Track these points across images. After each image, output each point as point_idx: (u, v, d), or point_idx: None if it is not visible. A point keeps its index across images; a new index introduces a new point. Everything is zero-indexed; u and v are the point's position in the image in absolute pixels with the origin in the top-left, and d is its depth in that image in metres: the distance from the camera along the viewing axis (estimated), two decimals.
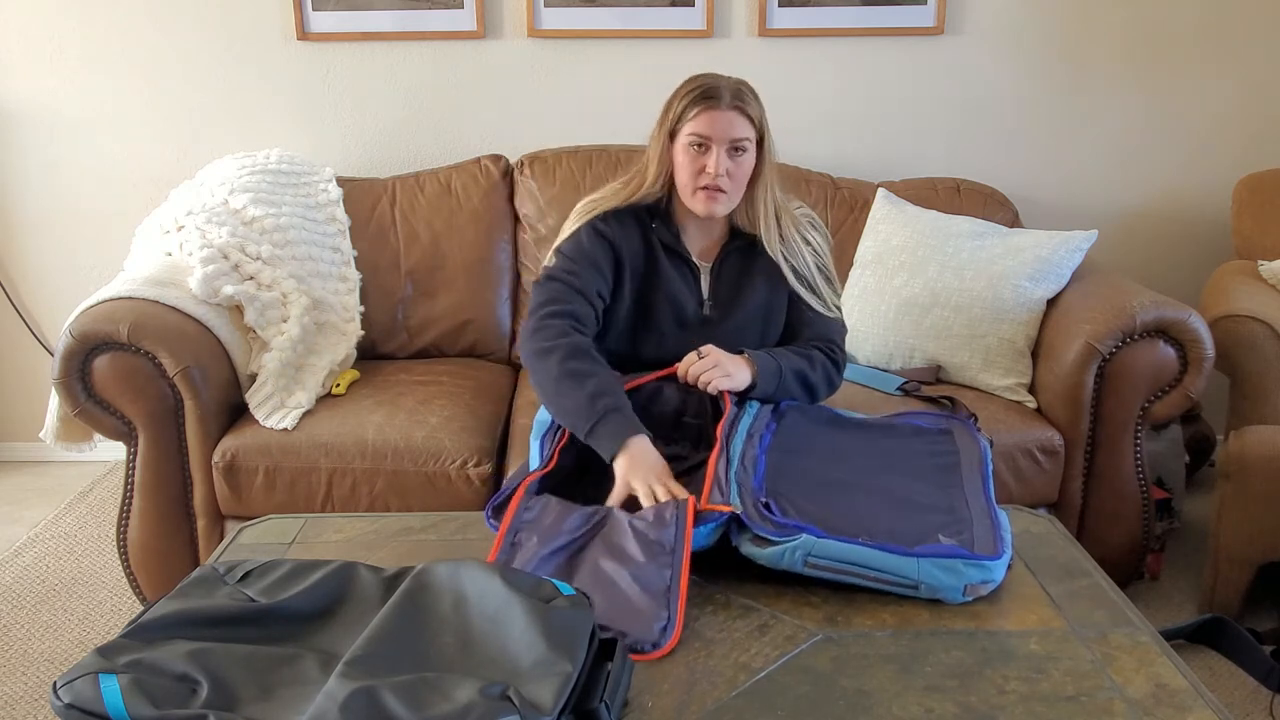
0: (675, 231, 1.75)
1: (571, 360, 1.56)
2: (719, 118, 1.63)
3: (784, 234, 1.75)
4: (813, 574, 1.26)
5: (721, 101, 1.63)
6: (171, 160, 2.83)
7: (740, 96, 1.65)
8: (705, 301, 1.76)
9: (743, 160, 1.66)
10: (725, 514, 1.30)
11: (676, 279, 1.75)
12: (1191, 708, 1.07)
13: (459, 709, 0.93)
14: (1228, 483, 2.10)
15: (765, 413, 1.63)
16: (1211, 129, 2.84)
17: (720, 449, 1.45)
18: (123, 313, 2.03)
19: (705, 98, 1.63)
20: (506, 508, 1.39)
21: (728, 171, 1.64)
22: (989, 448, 1.60)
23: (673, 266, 1.75)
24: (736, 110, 1.63)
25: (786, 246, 1.75)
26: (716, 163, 1.63)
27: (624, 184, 1.76)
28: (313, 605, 1.15)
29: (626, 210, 1.75)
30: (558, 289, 1.67)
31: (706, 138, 1.63)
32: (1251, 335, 2.21)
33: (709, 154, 1.64)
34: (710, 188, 1.65)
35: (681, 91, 1.67)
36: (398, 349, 2.59)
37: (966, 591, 1.25)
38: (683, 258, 1.75)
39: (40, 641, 2.16)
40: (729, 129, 1.63)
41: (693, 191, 1.68)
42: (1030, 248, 2.33)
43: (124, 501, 2.14)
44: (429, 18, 2.74)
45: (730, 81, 1.67)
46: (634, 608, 1.21)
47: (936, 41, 2.78)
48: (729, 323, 1.77)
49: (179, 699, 0.98)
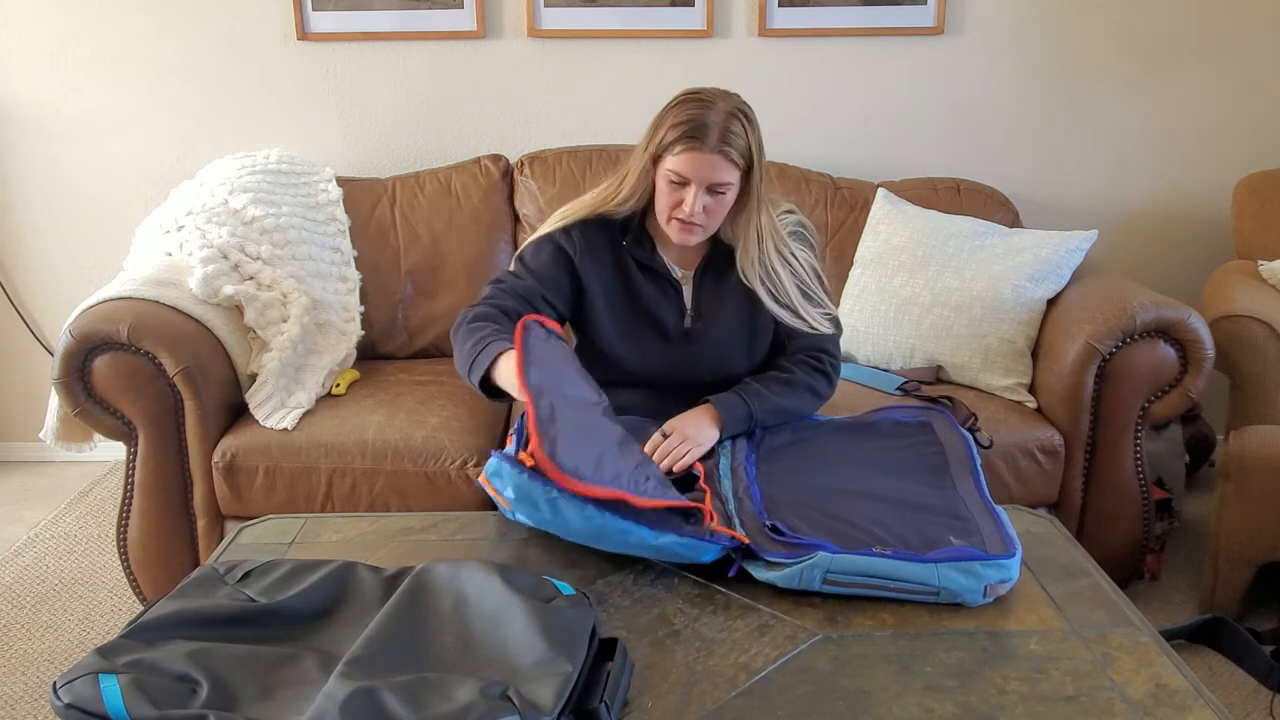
0: (651, 246, 1.72)
1: (477, 321, 1.61)
2: (702, 161, 1.56)
3: (763, 258, 1.67)
4: (831, 590, 1.26)
5: (706, 144, 1.55)
6: (171, 160, 2.83)
7: (727, 138, 1.56)
8: (687, 314, 1.73)
9: (722, 199, 1.61)
10: (737, 541, 1.30)
11: (654, 293, 1.72)
12: (1191, 708, 1.07)
13: (459, 709, 0.93)
14: (1228, 483, 2.10)
15: (741, 444, 1.62)
16: (1211, 129, 2.84)
17: (711, 494, 1.43)
18: (123, 313, 2.03)
19: (690, 136, 1.55)
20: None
21: (705, 208, 1.60)
22: (971, 439, 1.60)
23: (650, 281, 1.72)
24: (721, 154, 1.56)
25: (763, 270, 1.68)
26: (692, 203, 1.58)
27: (603, 190, 1.72)
28: (312, 605, 1.15)
29: (596, 223, 1.71)
30: (497, 289, 1.70)
31: (686, 178, 1.58)
32: (1251, 335, 2.21)
33: (687, 191, 1.59)
34: (684, 222, 1.62)
35: (671, 118, 1.58)
36: (398, 349, 2.59)
37: (987, 593, 1.25)
38: (658, 272, 1.72)
39: (40, 641, 2.16)
40: (710, 173, 1.57)
41: (668, 220, 1.64)
42: (1030, 248, 2.33)
43: (124, 501, 2.14)
44: (429, 18, 2.74)
45: (721, 113, 1.56)
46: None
47: (936, 41, 2.78)
48: (712, 334, 1.73)
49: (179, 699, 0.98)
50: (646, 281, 1.72)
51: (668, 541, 1.28)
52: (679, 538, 1.28)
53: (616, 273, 1.72)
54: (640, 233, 1.72)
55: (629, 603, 1.27)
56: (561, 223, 1.72)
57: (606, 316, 1.73)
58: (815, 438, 1.66)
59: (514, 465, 1.28)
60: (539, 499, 1.27)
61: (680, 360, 1.74)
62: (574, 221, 1.71)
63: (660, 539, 1.28)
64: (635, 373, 1.75)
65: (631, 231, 1.72)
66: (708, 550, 1.29)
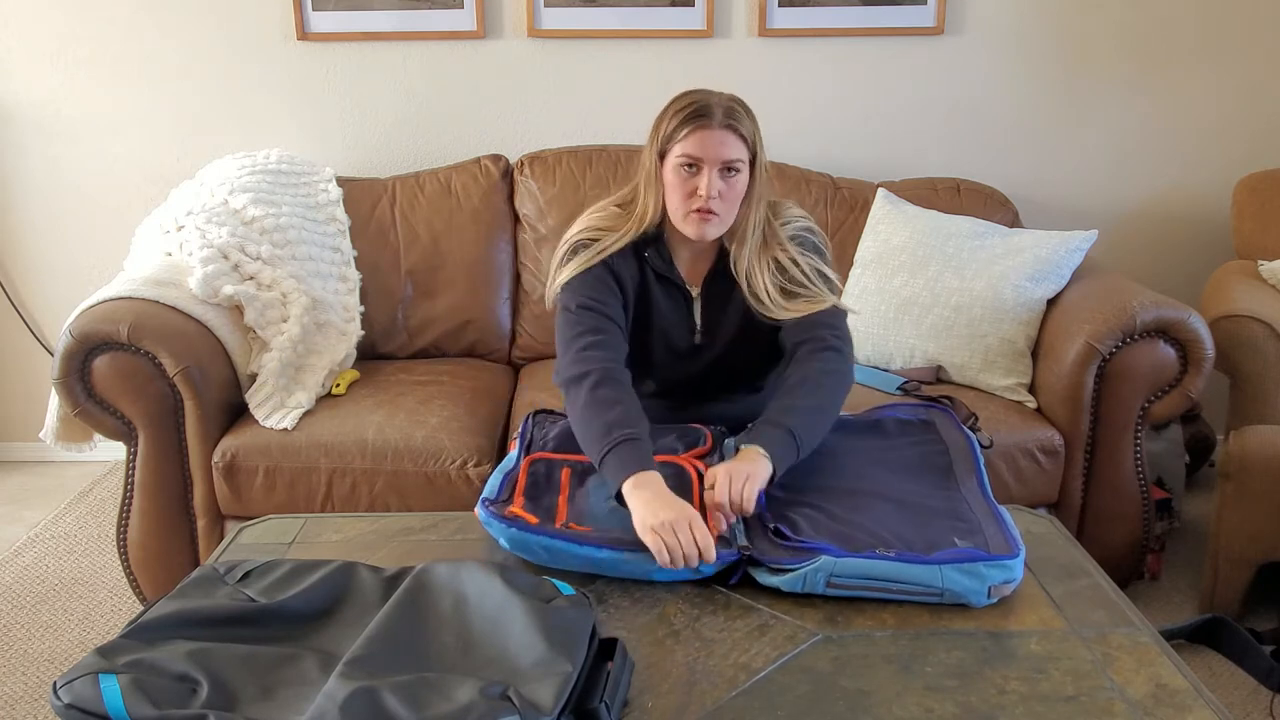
0: (669, 257, 1.67)
1: (601, 388, 1.50)
2: (710, 137, 1.53)
3: (748, 255, 1.62)
4: (835, 593, 1.26)
5: (713, 120, 1.53)
6: (171, 160, 2.83)
7: (732, 115, 1.55)
8: (697, 330, 1.70)
9: (735, 181, 1.57)
10: (737, 554, 1.30)
11: (669, 308, 1.69)
12: (1191, 708, 1.07)
13: (459, 709, 0.93)
14: (1228, 483, 2.10)
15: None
16: (1211, 129, 2.84)
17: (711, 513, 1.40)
18: (123, 313, 2.03)
19: (696, 116, 1.53)
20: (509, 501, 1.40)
21: (720, 193, 1.55)
22: (974, 438, 1.60)
23: (666, 295, 1.68)
24: (729, 129, 1.53)
25: (747, 268, 1.62)
26: (709, 184, 1.53)
27: (620, 210, 1.66)
28: (313, 605, 1.15)
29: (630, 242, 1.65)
30: (590, 318, 1.59)
31: (698, 159, 1.54)
32: (1251, 335, 2.21)
33: (700, 175, 1.54)
34: (702, 210, 1.55)
35: (671, 110, 1.57)
36: (398, 349, 2.59)
37: (991, 593, 1.25)
38: (675, 284, 1.68)
39: (40, 641, 2.16)
40: (721, 149, 1.53)
41: (684, 215, 1.58)
42: (1030, 248, 2.33)
43: (124, 501, 2.14)
44: (429, 18, 2.74)
45: (722, 98, 1.56)
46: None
47: (936, 41, 2.78)
48: (719, 347, 1.71)
49: (179, 699, 0.98)
50: (663, 295, 1.69)
51: (668, 571, 1.29)
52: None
53: (641, 286, 1.68)
54: (659, 242, 1.67)
55: (629, 603, 1.28)
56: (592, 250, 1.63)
57: (630, 332, 1.68)
58: None
59: (503, 522, 1.33)
60: (534, 546, 1.32)
61: (690, 373, 1.74)
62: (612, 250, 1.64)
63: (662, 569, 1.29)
64: (642, 389, 1.69)
65: (652, 243, 1.67)
66: (707, 569, 1.30)
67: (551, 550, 1.31)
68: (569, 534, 1.32)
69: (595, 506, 1.42)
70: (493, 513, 1.35)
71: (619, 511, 1.37)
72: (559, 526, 1.35)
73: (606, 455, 1.41)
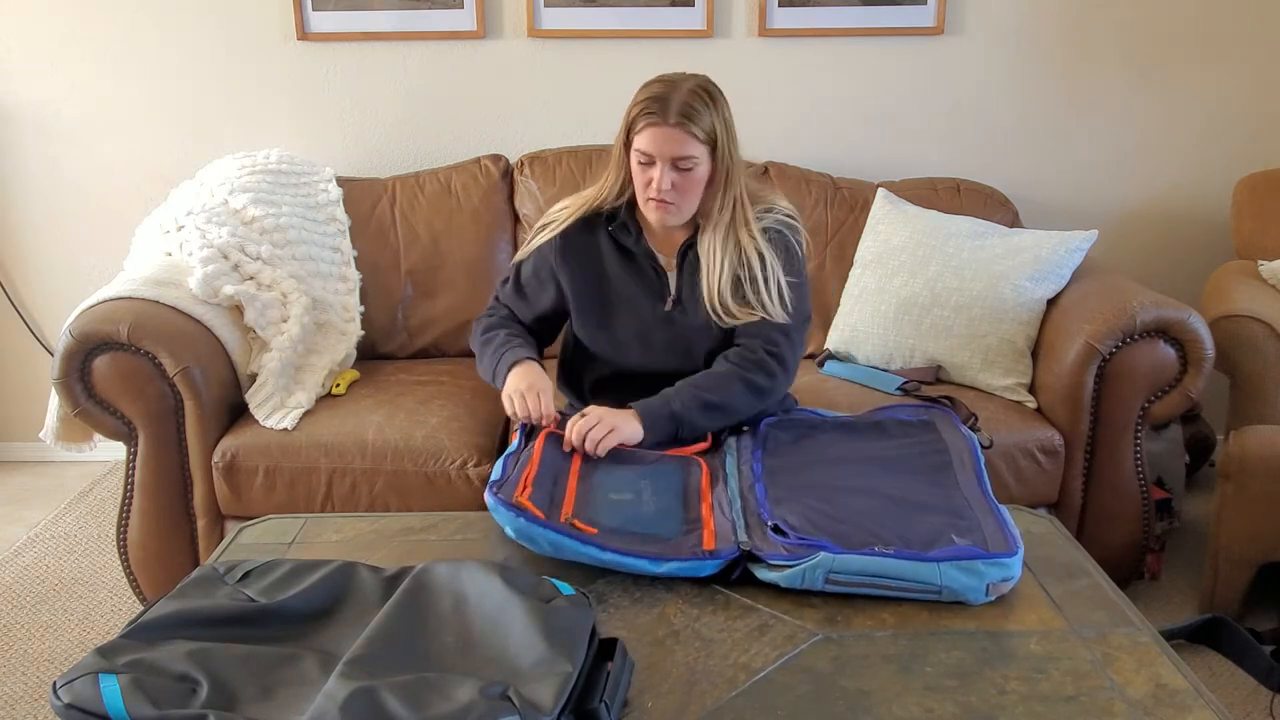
0: (638, 232, 1.75)
1: (487, 332, 1.81)
2: (661, 135, 1.60)
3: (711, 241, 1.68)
4: (834, 590, 1.26)
5: (667, 118, 1.59)
6: (171, 160, 2.83)
7: (687, 112, 1.59)
8: (669, 298, 1.76)
9: (691, 174, 1.64)
10: (737, 552, 1.30)
11: (634, 280, 1.75)
12: (1191, 708, 1.07)
13: (459, 709, 0.93)
14: (1228, 483, 2.10)
15: (746, 442, 1.63)
16: (1211, 129, 2.84)
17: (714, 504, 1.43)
18: (123, 313, 2.03)
19: (649, 113, 1.60)
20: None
21: (674, 185, 1.63)
22: (975, 438, 1.60)
23: (631, 267, 1.75)
24: (680, 127, 1.59)
25: (708, 253, 1.69)
26: (660, 179, 1.62)
27: (596, 186, 1.77)
28: (312, 605, 1.15)
29: (585, 220, 1.76)
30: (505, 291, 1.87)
31: (651, 155, 1.62)
32: (1251, 335, 2.21)
33: (654, 169, 1.63)
34: (657, 200, 1.65)
35: (636, 100, 1.64)
36: (398, 349, 2.59)
37: (989, 591, 1.25)
38: (646, 258, 1.75)
39: (40, 641, 2.16)
40: (672, 146, 1.60)
41: (644, 201, 1.68)
42: (1030, 248, 2.33)
43: (124, 501, 2.14)
44: (429, 18, 2.74)
45: (683, 92, 1.61)
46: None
47: (936, 41, 2.78)
48: (688, 319, 1.75)
49: (179, 699, 0.98)
50: (628, 268, 1.76)
51: (670, 568, 1.30)
52: (681, 563, 1.30)
53: (599, 266, 1.76)
54: (629, 220, 1.75)
55: (629, 603, 1.28)
56: (548, 233, 1.78)
57: (586, 312, 1.78)
58: (820, 436, 1.66)
59: (510, 510, 1.34)
60: (539, 539, 1.33)
61: (657, 346, 1.75)
62: (562, 226, 1.77)
63: (662, 567, 1.30)
64: (614, 363, 1.78)
65: (619, 220, 1.75)
66: (709, 566, 1.31)
67: (556, 544, 1.32)
68: (574, 532, 1.32)
69: (601, 501, 1.43)
70: (500, 499, 1.35)
71: (624, 508, 1.40)
72: (565, 520, 1.36)
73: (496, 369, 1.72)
